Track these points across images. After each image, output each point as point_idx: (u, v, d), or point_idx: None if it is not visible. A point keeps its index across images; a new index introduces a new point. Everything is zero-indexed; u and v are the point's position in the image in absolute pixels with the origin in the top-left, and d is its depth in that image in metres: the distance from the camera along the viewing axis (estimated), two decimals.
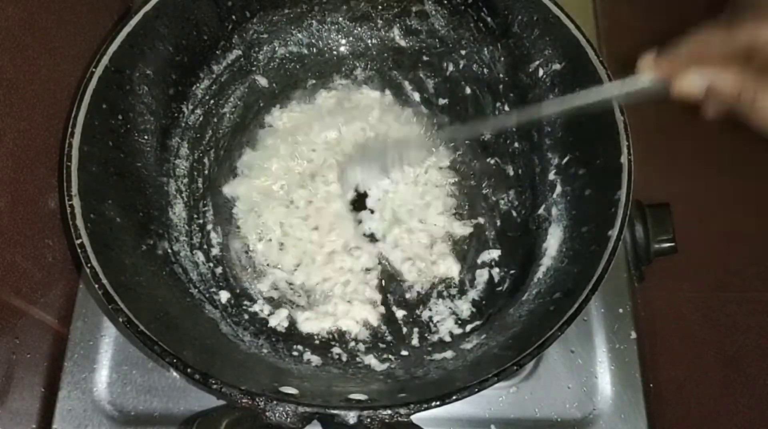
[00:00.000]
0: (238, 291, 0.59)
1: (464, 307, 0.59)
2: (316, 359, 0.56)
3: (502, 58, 0.64)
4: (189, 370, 0.43)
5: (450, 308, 0.60)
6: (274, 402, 0.42)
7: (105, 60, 0.54)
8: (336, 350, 0.57)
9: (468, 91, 0.68)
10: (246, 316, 0.58)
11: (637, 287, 0.63)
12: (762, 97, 0.37)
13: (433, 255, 0.61)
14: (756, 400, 0.67)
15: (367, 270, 0.61)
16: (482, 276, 0.61)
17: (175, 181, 0.62)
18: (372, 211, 0.63)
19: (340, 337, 0.58)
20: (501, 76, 0.65)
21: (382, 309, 0.59)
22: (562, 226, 0.58)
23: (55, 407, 0.57)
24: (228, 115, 0.67)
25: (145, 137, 0.59)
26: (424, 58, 0.69)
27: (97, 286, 0.45)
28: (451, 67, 0.68)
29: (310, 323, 0.58)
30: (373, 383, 0.52)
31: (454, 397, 0.43)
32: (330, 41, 0.70)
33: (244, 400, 0.42)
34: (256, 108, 0.68)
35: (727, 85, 0.38)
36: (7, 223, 0.52)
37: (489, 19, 0.63)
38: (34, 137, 0.55)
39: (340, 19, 0.69)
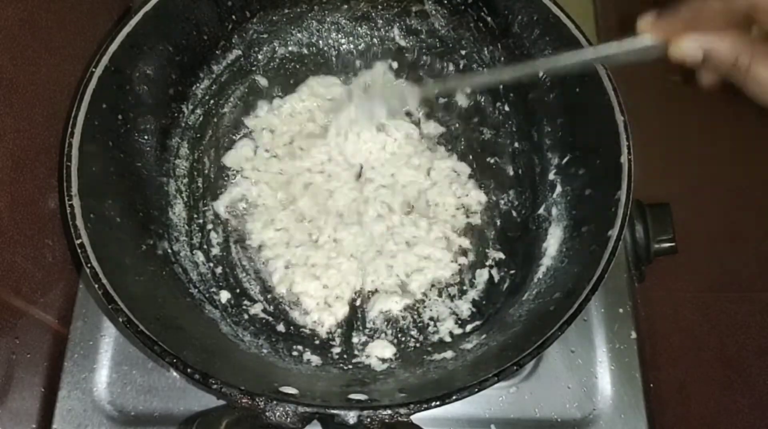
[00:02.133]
0: (238, 291, 0.59)
1: (464, 307, 0.59)
2: (316, 359, 0.56)
3: (502, 58, 0.64)
4: (189, 370, 0.43)
5: (450, 308, 0.60)
6: (274, 402, 0.42)
7: (105, 60, 0.54)
8: (336, 350, 0.57)
9: (468, 91, 0.68)
10: (246, 316, 0.58)
11: (637, 287, 0.63)
12: (757, 64, 0.37)
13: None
14: (756, 400, 0.67)
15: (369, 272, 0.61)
16: (482, 276, 0.61)
17: (175, 181, 0.62)
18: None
19: (340, 336, 0.58)
20: None
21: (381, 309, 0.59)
22: (562, 226, 0.58)
23: (55, 407, 0.56)
24: (228, 115, 0.67)
25: (145, 137, 0.59)
26: (424, 57, 0.69)
27: (97, 286, 0.45)
28: (451, 67, 0.68)
29: (306, 318, 0.58)
30: (373, 383, 0.52)
31: (454, 397, 0.43)
32: (330, 41, 0.70)
33: (244, 400, 0.42)
34: (256, 108, 0.68)
35: (724, 50, 0.38)
36: (7, 223, 0.52)
37: (489, 18, 0.63)
38: (34, 137, 0.55)
39: (340, 18, 0.69)
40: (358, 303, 0.60)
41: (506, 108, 0.65)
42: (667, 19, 0.41)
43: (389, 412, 0.42)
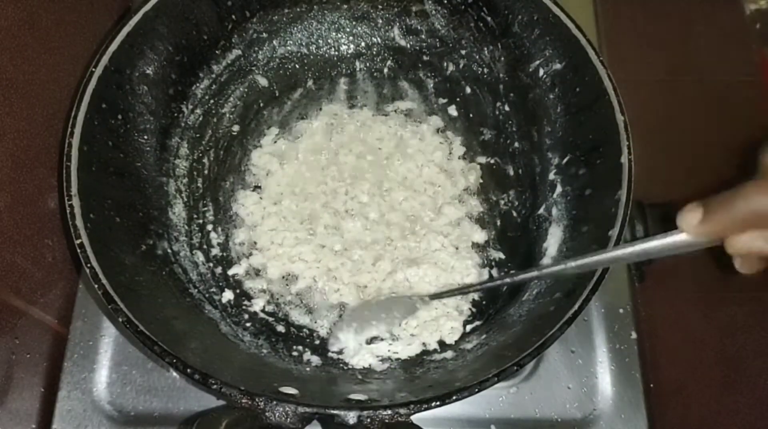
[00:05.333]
0: (237, 291, 0.59)
1: (464, 307, 0.59)
2: (316, 359, 0.56)
3: (502, 58, 0.64)
4: (189, 370, 0.43)
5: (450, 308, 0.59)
6: (274, 402, 0.42)
7: (105, 60, 0.54)
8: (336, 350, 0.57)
9: (468, 90, 0.68)
10: (246, 316, 0.58)
11: (637, 287, 0.63)
12: None
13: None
14: (756, 400, 0.67)
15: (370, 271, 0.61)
16: (482, 276, 0.61)
17: (175, 181, 0.62)
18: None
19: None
20: (501, 75, 0.65)
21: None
22: (562, 226, 0.58)
23: (54, 407, 0.56)
24: (228, 115, 0.67)
25: (145, 137, 0.59)
26: (424, 57, 0.69)
27: (96, 286, 0.45)
28: (451, 67, 0.68)
29: (306, 319, 0.59)
30: (373, 383, 0.52)
31: (454, 398, 0.43)
32: (330, 41, 0.70)
33: (244, 400, 0.42)
34: (255, 108, 0.68)
35: None
36: (7, 223, 0.52)
37: (489, 18, 0.63)
38: (34, 137, 0.55)
39: (340, 18, 0.69)
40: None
41: (506, 108, 0.65)
42: (715, 218, 0.35)
43: (389, 412, 0.42)
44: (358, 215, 0.62)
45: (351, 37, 0.70)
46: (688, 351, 0.71)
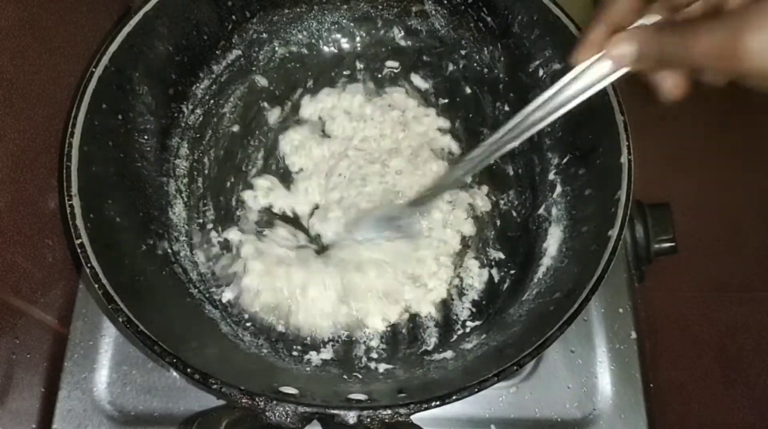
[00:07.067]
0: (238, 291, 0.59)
1: (464, 307, 0.59)
2: (316, 359, 0.56)
3: (502, 58, 0.64)
4: (189, 370, 0.43)
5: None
6: (274, 402, 0.42)
7: (105, 60, 0.54)
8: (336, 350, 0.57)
9: (468, 91, 0.68)
10: (246, 316, 0.58)
11: (637, 287, 0.63)
12: (694, 38, 0.28)
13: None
14: (756, 400, 0.67)
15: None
16: (482, 276, 0.61)
17: (175, 181, 0.62)
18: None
19: (340, 337, 0.58)
20: (501, 76, 0.65)
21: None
22: (562, 226, 0.58)
23: (55, 407, 0.56)
24: (228, 115, 0.67)
25: (145, 137, 0.59)
26: (424, 58, 0.69)
27: (97, 286, 0.45)
28: (451, 67, 0.68)
29: (307, 320, 0.58)
30: (373, 383, 0.52)
31: (454, 397, 0.43)
32: (330, 41, 0.70)
33: (244, 400, 0.42)
34: (256, 108, 0.68)
35: (652, 44, 0.32)
36: (7, 223, 0.52)
37: (489, 19, 0.63)
38: (34, 137, 0.55)
39: (340, 18, 0.69)
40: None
41: (506, 108, 0.65)
42: (593, 31, 0.35)
43: (389, 412, 0.42)
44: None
45: (351, 37, 0.70)
46: (688, 351, 0.71)
